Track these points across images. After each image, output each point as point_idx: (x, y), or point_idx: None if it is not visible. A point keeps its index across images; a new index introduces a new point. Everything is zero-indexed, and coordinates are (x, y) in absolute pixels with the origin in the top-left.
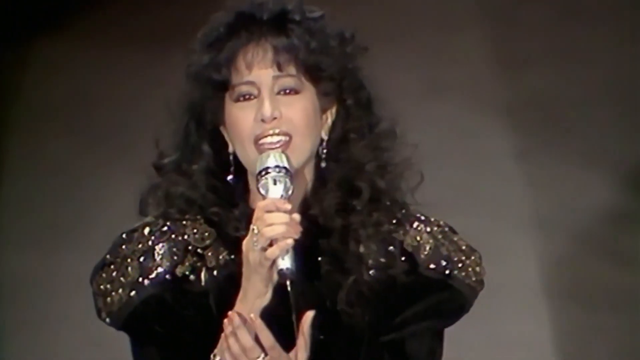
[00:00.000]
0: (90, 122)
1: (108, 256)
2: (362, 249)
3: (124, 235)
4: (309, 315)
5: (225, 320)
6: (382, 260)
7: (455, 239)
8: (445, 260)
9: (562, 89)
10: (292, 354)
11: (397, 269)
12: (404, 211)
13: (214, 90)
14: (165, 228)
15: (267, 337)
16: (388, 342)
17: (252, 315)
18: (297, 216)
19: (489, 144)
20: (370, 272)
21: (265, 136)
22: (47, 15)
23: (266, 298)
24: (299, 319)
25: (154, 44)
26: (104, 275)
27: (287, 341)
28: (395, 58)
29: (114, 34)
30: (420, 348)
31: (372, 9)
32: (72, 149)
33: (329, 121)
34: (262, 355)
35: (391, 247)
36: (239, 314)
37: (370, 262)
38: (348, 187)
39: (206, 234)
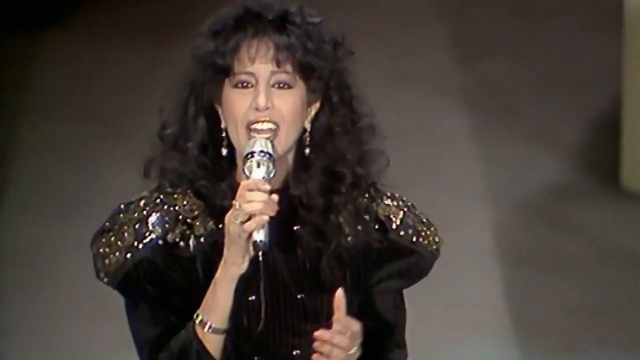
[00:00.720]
0: (94, 108)
1: (107, 223)
2: (341, 220)
3: (122, 206)
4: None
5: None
6: (359, 228)
7: (417, 212)
8: (411, 230)
9: (513, 77)
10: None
11: (371, 236)
12: (374, 189)
13: (216, 73)
14: (158, 200)
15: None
16: (360, 299)
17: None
18: (275, 197)
19: (447, 126)
20: (349, 238)
21: (257, 122)
22: (56, 10)
23: (242, 267)
24: (269, 287)
25: (151, 39)
26: (103, 240)
27: (256, 305)
28: (364, 52)
29: (115, 29)
30: (387, 304)
31: (343, 9)
32: (78, 132)
33: (312, 113)
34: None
35: (366, 217)
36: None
37: (348, 230)
38: (331, 173)
39: (195, 205)
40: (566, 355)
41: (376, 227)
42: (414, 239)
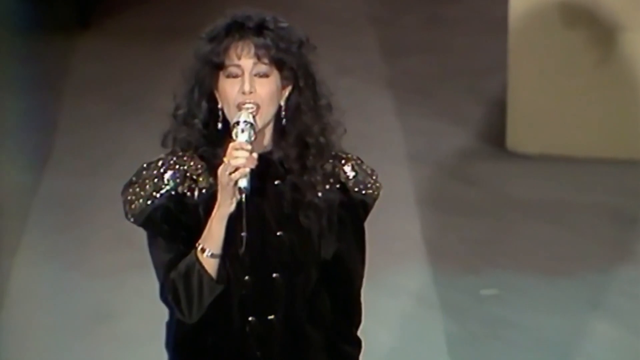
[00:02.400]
0: (117, 92)
1: (133, 178)
2: (313, 180)
3: (144, 165)
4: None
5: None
6: (327, 187)
7: (364, 167)
8: (362, 184)
9: (427, 69)
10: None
11: (335, 193)
12: (334, 153)
13: (213, 68)
14: (172, 161)
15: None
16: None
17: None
18: (255, 154)
19: (378, 106)
20: (319, 194)
21: (244, 103)
22: (90, 16)
23: (231, 207)
24: (249, 224)
25: (160, 39)
26: (130, 190)
27: (237, 231)
28: (317, 50)
29: (134, 32)
30: (349, 242)
31: (301, 19)
32: (105, 109)
33: (286, 94)
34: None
35: (331, 179)
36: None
37: (318, 188)
38: (302, 142)
39: (199, 165)
40: (465, 275)
41: (337, 186)
42: (364, 191)
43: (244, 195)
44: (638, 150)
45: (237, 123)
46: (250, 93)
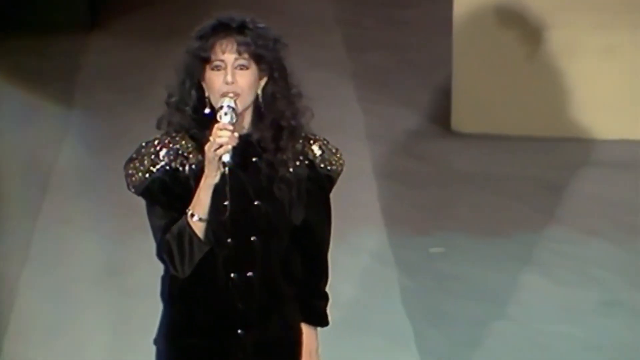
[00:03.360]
0: (125, 81)
1: (134, 154)
2: (285, 158)
3: (143, 144)
4: None
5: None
6: (297, 163)
7: (330, 146)
8: (327, 162)
9: (386, 63)
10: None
11: (304, 169)
12: (304, 134)
13: (201, 61)
14: (166, 141)
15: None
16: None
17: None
18: (236, 134)
19: (343, 94)
20: (290, 170)
21: (227, 92)
22: (100, 17)
23: (216, 179)
24: (231, 195)
25: (159, 37)
26: (130, 165)
27: (222, 201)
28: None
29: (137, 31)
30: (317, 210)
31: (275, 20)
32: (112, 98)
33: (262, 84)
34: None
35: (301, 157)
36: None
37: (290, 164)
38: (276, 125)
39: (190, 145)
40: (416, 237)
41: (306, 162)
42: (329, 167)
43: (227, 169)
44: (563, 129)
45: (221, 107)
46: (232, 83)
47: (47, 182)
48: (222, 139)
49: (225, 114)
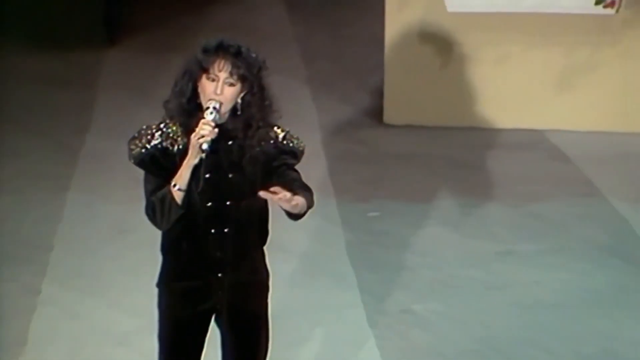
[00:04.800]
0: (135, 85)
1: (135, 134)
2: (252, 143)
3: (144, 127)
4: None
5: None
6: (263, 143)
7: (292, 134)
8: (289, 141)
9: (333, 70)
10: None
11: (270, 147)
12: (272, 126)
13: (201, 69)
14: (161, 125)
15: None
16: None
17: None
18: (216, 130)
19: (300, 94)
20: (257, 149)
21: (214, 99)
22: (115, 36)
23: (196, 160)
24: (211, 170)
25: (164, 52)
26: (132, 141)
27: (201, 176)
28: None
29: (147, 47)
30: (287, 177)
31: (242, 34)
32: (126, 99)
33: (241, 95)
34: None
35: (268, 139)
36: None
37: (256, 144)
38: (248, 122)
39: (179, 130)
40: (358, 203)
41: (272, 142)
42: (291, 144)
43: (204, 155)
44: (469, 120)
45: (208, 107)
46: (220, 94)
47: (75, 161)
48: (204, 132)
49: (211, 112)
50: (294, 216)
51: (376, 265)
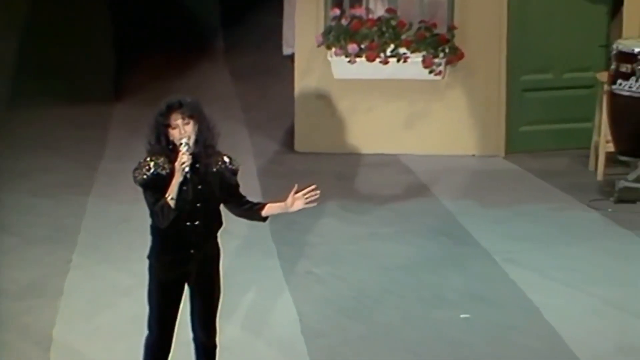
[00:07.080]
0: (136, 129)
1: (137, 166)
2: (210, 163)
3: (140, 161)
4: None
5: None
6: (218, 164)
7: (232, 158)
8: (232, 164)
9: (261, 115)
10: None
11: (223, 168)
12: (219, 152)
13: (166, 126)
14: (153, 158)
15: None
16: (223, 191)
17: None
18: (190, 158)
19: (239, 131)
20: (214, 169)
21: (182, 137)
22: (121, 93)
23: (181, 179)
24: (190, 185)
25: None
26: (135, 171)
27: (184, 191)
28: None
29: (147, 101)
30: (233, 189)
31: (202, 93)
32: (129, 136)
33: (196, 128)
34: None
35: (219, 162)
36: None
37: (213, 166)
38: (205, 147)
39: (165, 161)
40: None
41: (221, 164)
42: (233, 167)
43: (188, 175)
44: (349, 148)
45: (181, 144)
46: (184, 133)
47: (93, 176)
48: (184, 159)
49: (184, 145)
50: (266, 218)
51: (289, 242)
